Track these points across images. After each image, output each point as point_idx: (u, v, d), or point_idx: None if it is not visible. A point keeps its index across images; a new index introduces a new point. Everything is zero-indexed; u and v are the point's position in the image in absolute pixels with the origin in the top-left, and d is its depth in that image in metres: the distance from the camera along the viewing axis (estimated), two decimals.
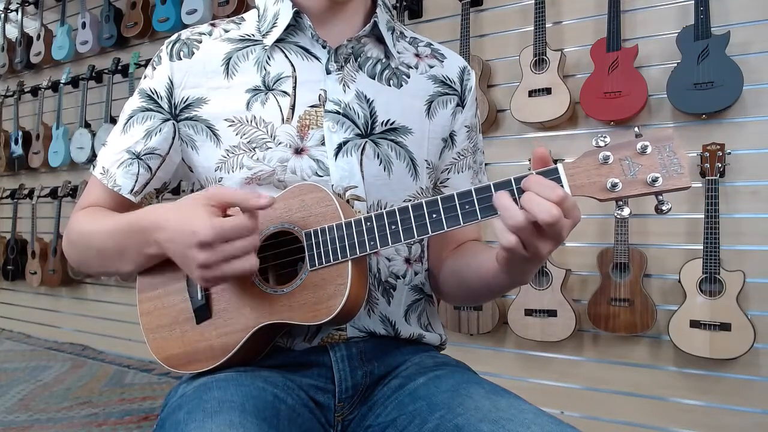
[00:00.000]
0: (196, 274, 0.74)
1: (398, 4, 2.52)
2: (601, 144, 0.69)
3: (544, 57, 2.15)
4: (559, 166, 0.69)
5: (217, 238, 0.72)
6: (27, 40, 3.89)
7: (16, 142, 3.87)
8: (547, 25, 2.17)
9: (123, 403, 2.64)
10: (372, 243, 0.76)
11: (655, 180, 0.66)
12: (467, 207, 0.72)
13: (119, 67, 3.37)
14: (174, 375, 2.45)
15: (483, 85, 2.34)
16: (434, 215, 0.73)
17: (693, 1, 1.92)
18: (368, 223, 0.77)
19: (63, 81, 3.65)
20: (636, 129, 0.70)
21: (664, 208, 0.68)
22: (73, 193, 3.56)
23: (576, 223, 0.69)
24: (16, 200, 3.89)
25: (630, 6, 2.12)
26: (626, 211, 0.69)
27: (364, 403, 0.88)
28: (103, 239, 0.87)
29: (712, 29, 1.89)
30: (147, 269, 0.88)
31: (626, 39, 2.09)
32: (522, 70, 2.21)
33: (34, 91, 3.84)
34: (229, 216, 0.75)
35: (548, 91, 2.14)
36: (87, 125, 3.50)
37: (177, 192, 2.77)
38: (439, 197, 0.73)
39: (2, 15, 4.09)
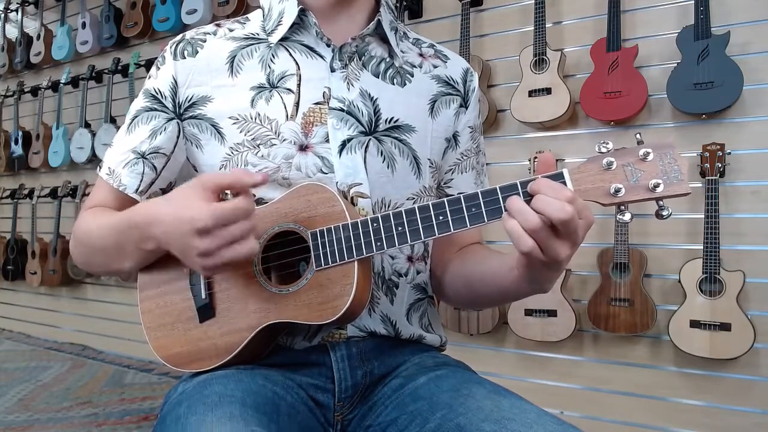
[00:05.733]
0: (197, 262, 0.74)
1: (398, 4, 2.52)
2: (604, 150, 0.70)
3: (544, 57, 2.16)
4: (564, 171, 0.71)
5: (216, 223, 0.71)
6: (27, 40, 3.89)
7: (16, 142, 3.87)
8: (547, 25, 2.18)
9: (123, 403, 2.64)
10: (378, 244, 0.76)
11: (656, 186, 0.68)
12: (473, 209, 0.72)
13: (119, 67, 3.37)
14: (174, 374, 2.46)
15: (483, 85, 2.34)
16: (441, 217, 0.74)
17: (693, 1, 1.93)
18: (375, 224, 0.77)
19: (63, 81, 3.65)
20: (637, 135, 0.71)
21: (664, 213, 0.70)
22: (73, 193, 3.56)
23: (590, 224, 0.70)
24: (16, 200, 3.89)
25: (630, 6, 2.12)
26: (627, 216, 0.71)
27: (364, 403, 0.88)
28: (104, 237, 0.87)
29: (712, 29, 1.89)
30: (148, 267, 0.88)
31: (626, 39, 2.09)
32: (522, 70, 2.21)
33: (34, 91, 3.84)
34: (224, 200, 0.74)
35: (548, 91, 2.14)
36: (87, 125, 3.49)
37: None
38: (445, 199, 0.74)
39: (2, 15, 4.09)
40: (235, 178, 0.74)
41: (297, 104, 0.88)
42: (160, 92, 0.91)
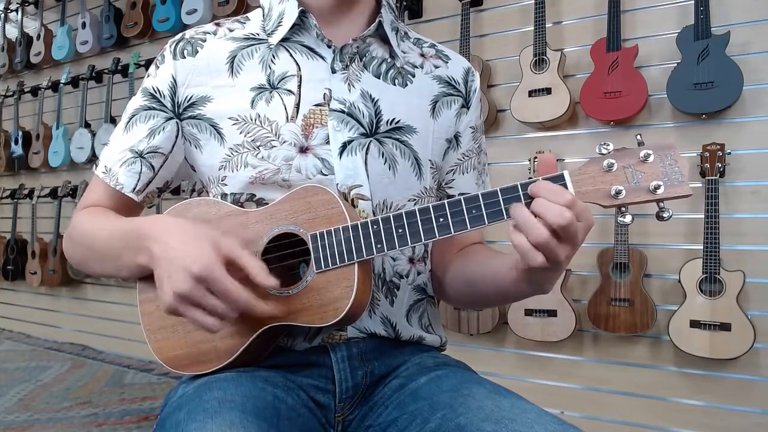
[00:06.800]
0: (166, 298, 0.73)
1: (398, 4, 2.52)
2: (605, 151, 0.70)
3: (544, 57, 2.16)
4: (565, 172, 0.71)
5: (207, 279, 0.71)
6: (27, 40, 3.89)
7: (16, 142, 3.87)
8: (547, 25, 2.18)
9: (123, 403, 2.64)
10: (379, 246, 0.76)
11: (657, 187, 0.68)
12: (474, 212, 0.72)
13: (119, 67, 3.37)
14: (174, 375, 2.46)
15: (483, 85, 2.34)
16: (441, 219, 0.74)
17: (693, 1, 1.92)
18: (375, 226, 0.77)
19: (63, 81, 3.65)
20: (638, 136, 0.71)
21: (665, 215, 0.70)
22: (73, 193, 3.56)
23: (590, 227, 0.70)
24: (16, 200, 3.89)
25: (630, 6, 2.12)
26: (628, 218, 0.71)
27: (365, 403, 0.88)
28: (103, 241, 0.87)
29: (712, 29, 1.89)
30: None
31: (626, 39, 2.09)
32: (522, 70, 2.21)
33: (34, 91, 3.84)
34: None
35: (548, 91, 2.14)
36: (87, 125, 3.50)
37: (177, 192, 2.77)
38: (446, 201, 0.74)
39: (2, 15, 4.09)
40: (255, 272, 0.74)
41: (297, 105, 0.88)
42: (159, 91, 0.91)
